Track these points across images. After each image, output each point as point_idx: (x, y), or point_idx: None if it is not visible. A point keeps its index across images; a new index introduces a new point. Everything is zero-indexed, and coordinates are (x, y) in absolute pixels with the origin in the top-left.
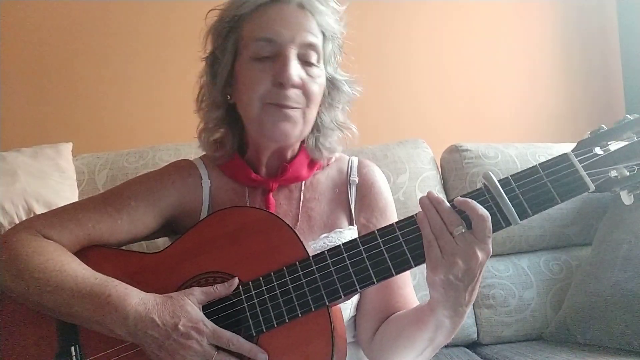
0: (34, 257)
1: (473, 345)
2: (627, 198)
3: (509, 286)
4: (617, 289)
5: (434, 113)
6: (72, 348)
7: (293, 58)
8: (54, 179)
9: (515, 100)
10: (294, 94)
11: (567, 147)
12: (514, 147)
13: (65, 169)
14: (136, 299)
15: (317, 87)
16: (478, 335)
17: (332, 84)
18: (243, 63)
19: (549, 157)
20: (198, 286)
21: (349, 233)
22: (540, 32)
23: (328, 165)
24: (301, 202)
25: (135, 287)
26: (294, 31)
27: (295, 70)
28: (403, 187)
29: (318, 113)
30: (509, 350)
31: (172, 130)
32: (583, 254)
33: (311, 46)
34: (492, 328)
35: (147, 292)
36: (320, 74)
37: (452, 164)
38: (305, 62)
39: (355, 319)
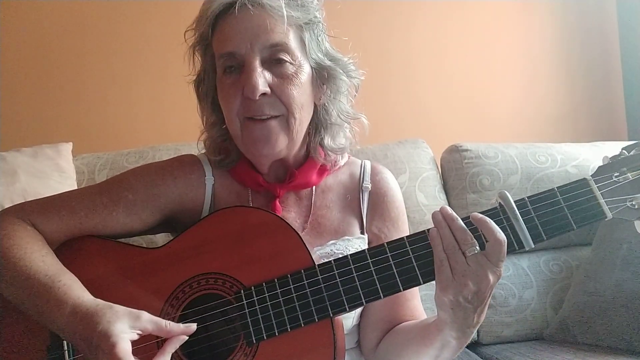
0: (3, 241)
1: (473, 345)
2: None
3: (509, 286)
4: (617, 288)
5: (434, 113)
6: (65, 342)
7: (255, 67)
8: (54, 179)
9: (515, 100)
10: (266, 103)
11: (567, 147)
12: (514, 147)
13: (65, 169)
14: (69, 309)
15: (295, 88)
16: (478, 335)
17: (325, 73)
18: (218, 80)
19: (549, 157)
20: (197, 287)
21: (358, 242)
22: (540, 31)
23: (339, 168)
24: (312, 210)
25: (132, 284)
26: (252, 37)
27: (260, 79)
28: (403, 187)
29: (322, 109)
30: (509, 350)
31: (172, 130)
32: (583, 254)
33: (277, 46)
34: (492, 328)
35: (142, 287)
36: (297, 72)
37: (452, 164)
38: (274, 63)
39: (358, 326)
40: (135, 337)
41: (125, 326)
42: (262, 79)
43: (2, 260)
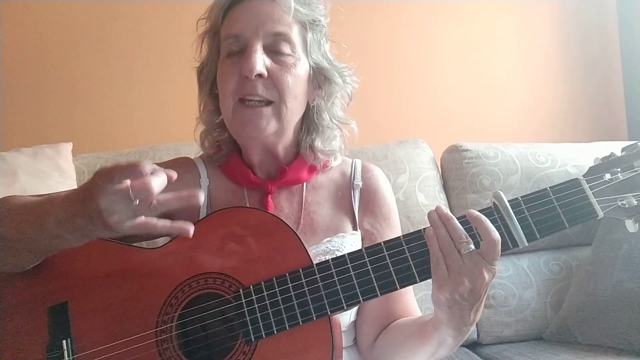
0: (3, 202)
1: (473, 345)
2: (632, 226)
3: (509, 286)
4: (617, 288)
5: (434, 113)
6: (64, 342)
7: (257, 49)
8: (54, 179)
9: (515, 100)
10: (261, 85)
11: (567, 147)
12: (514, 147)
13: (65, 169)
14: (60, 199)
15: (291, 77)
16: (478, 335)
17: (322, 75)
18: (220, 62)
19: (549, 157)
20: (197, 286)
21: (352, 238)
22: (540, 31)
23: (330, 168)
24: (303, 205)
25: (130, 284)
26: (259, 23)
27: (259, 60)
28: (403, 187)
29: (315, 111)
30: (509, 350)
31: (172, 130)
32: (583, 254)
33: (280, 35)
34: (492, 328)
35: (141, 287)
36: (295, 63)
37: (452, 164)
38: (275, 52)
39: (355, 323)
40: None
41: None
42: (261, 61)
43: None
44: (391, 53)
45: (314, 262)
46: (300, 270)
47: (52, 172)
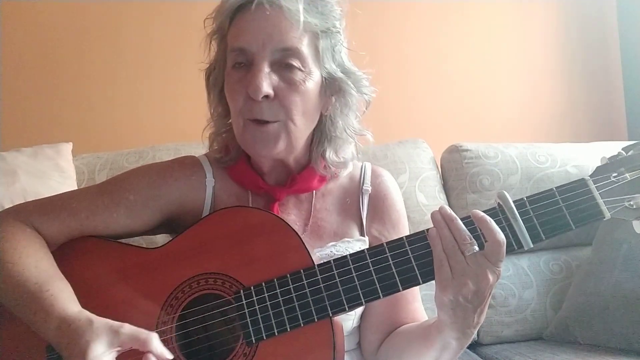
0: (0, 243)
1: (473, 345)
2: (639, 227)
3: (509, 286)
4: (617, 288)
5: (434, 113)
6: None
7: (262, 69)
8: (54, 179)
9: (515, 100)
10: (268, 106)
11: (567, 147)
12: (514, 147)
13: (65, 169)
14: (55, 323)
15: (299, 96)
16: (478, 335)
17: (335, 85)
18: (227, 73)
19: (549, 157)
20: (197, 287)
21: (358, 244)
22: (540, 31)
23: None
24: (312, 213)
25: (131, 284)
26: (266, 37)
27: (265, 81)
28: (403, 187)
29: (327, 121)
30: (509, 350)
31: (172, 130)
32: (583, 254)
33: (288, 50)
34: (492, 328)
35: (142, 287)
36: (304, 79)
37: (452, 164)
38: (284, 67)
39: (358, 327)
40: (114, 355)
41: (103, 346)
42: (267, 81)
43: None
44: (391, 54)
45: (316, 264)
46: (302, 271)
47: (52, 172)
